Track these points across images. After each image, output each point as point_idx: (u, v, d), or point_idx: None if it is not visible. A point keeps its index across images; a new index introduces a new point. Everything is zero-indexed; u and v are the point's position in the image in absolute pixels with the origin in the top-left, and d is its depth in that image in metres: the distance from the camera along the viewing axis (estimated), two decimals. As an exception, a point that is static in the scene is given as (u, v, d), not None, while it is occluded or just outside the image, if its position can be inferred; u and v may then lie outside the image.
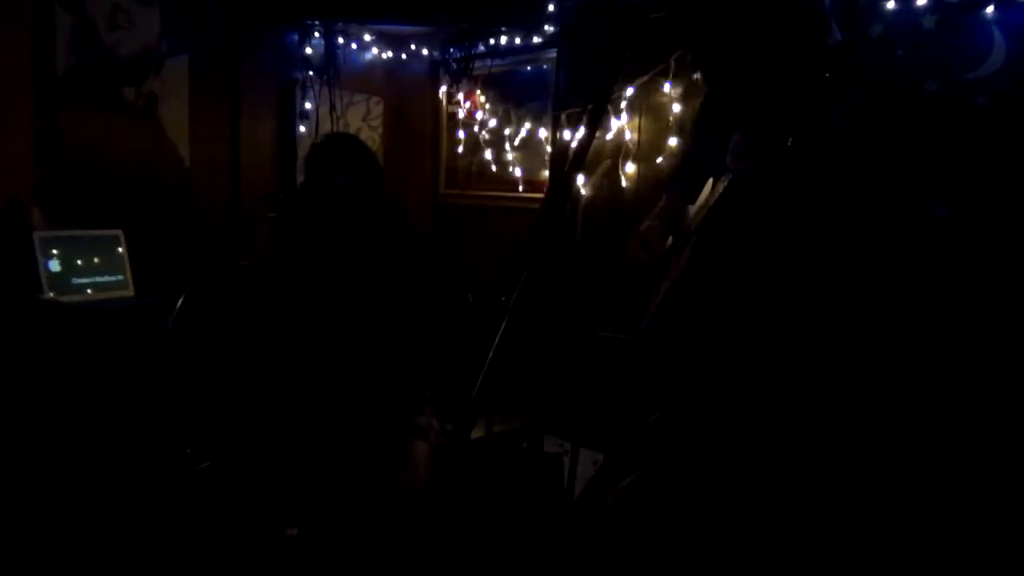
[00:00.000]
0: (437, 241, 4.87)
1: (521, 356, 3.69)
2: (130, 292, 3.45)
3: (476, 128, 4.76)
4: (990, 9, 2.81)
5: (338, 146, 2.76)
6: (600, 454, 3.26)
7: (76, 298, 3.24)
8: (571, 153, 1.37)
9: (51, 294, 3.16)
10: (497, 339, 1.19)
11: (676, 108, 3.78)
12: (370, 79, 4.85)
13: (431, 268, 2.84)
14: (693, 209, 2.28)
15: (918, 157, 2.96)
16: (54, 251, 3.23)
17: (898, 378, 2.82)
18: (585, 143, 1.42)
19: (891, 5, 2.98)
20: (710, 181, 2.23)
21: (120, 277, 3.44)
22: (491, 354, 1.19)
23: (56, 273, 3.22)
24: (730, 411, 2.12)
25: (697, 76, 3.51)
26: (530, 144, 4.53)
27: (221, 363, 3.25)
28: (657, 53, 3.72)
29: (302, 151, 4.42)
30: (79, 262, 3.31)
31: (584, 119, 1.37)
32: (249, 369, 3.07)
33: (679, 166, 2.49)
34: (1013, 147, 2.77)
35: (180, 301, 2.49)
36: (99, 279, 3.36)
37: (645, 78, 3.80)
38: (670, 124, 3.78)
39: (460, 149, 4.88)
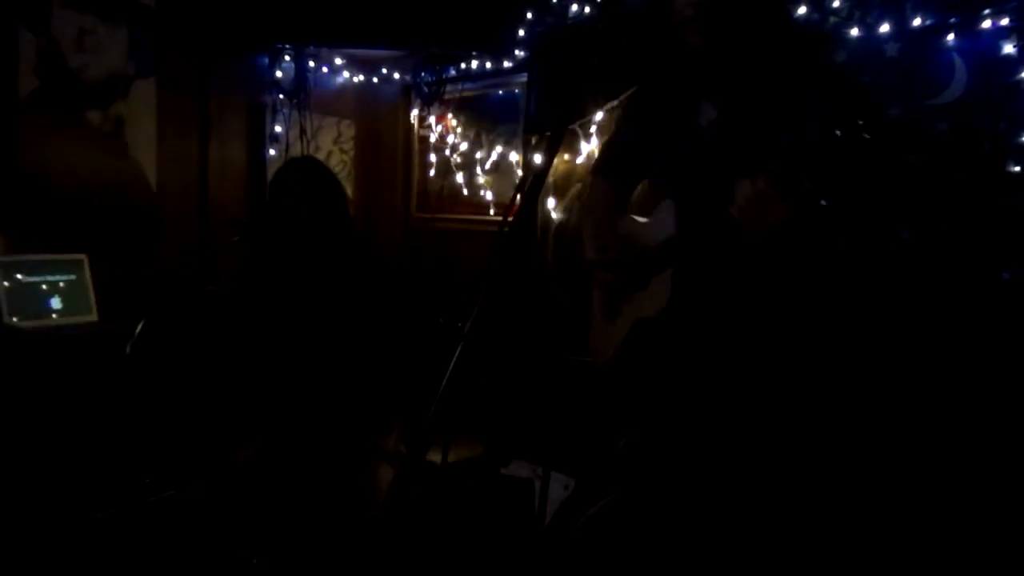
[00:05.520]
0: (409, 264, 4.86)
1: (490, 380, 3.67)
2: (94, 317, 3.39)
3: (448, 151, 4.76)
4: (951, 37, 2.85)
5: (300, 170, 2.75)
6: (572, 478, 3.24)
7: (38, 323, 3.18)
8: (529, 177, 1.36)
9: (12, 319, 3.11)
10: (451, 366, 1.17)
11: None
12: (341, 102, 4.83)
13: (398, 292, 2.82)
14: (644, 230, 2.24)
15: (882, 180, 2.99)
16: (16, 275, 3.18)
17: (865, 401, 2.83)
18: (543, 168, 1.41)
19: (855, 32, 3.02)
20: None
21: (83, 302, 3.38)
22: (445, 381, 1.17)
23: (17, 298, 3.16)
24: (700, 435, 2.11)
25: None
26: (501, 167, 4.53)
27: (183, 389, 3.21)
28: (627, 78, 3.74)
29: (272, 174, 4.40)
30: (42, 287, 3.26)
31: (543, 144, 1.36)
32: (212, 395, 3.03)
33: (608, 150, 2.45)
34: (974, 172, 2.81)
35: (139, 326, 2.46)
36: (62, 304, 3.31)
37: (615, 103, 3.82)
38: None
39: (432, 172, 4.87)
